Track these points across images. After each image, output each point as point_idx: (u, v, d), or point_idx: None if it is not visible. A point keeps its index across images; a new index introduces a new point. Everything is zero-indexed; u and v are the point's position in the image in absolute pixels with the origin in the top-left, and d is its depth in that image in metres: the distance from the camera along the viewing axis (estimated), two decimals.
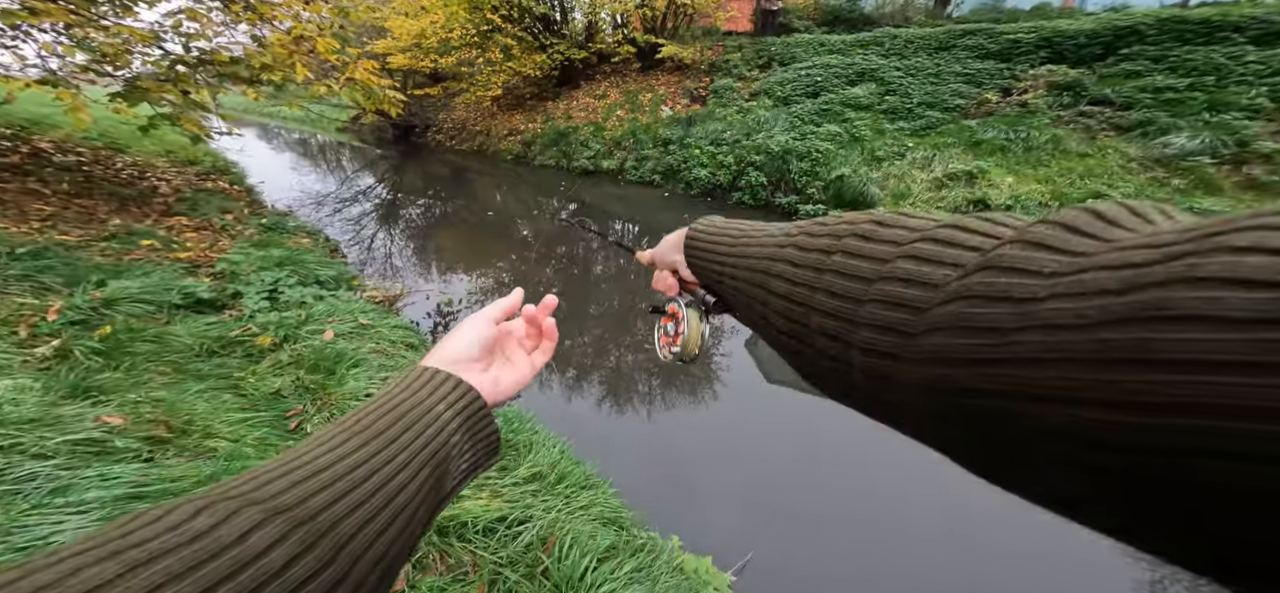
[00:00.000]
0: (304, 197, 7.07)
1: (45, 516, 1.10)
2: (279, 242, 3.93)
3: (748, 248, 0.40)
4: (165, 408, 1.58)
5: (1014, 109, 6.14)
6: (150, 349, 1.95)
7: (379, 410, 0.36)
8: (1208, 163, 4.63)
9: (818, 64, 8.10)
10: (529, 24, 10.68)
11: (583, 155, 8.93)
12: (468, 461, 0.40)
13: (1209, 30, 5.68)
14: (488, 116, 12.24)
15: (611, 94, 10.33)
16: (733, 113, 7.96)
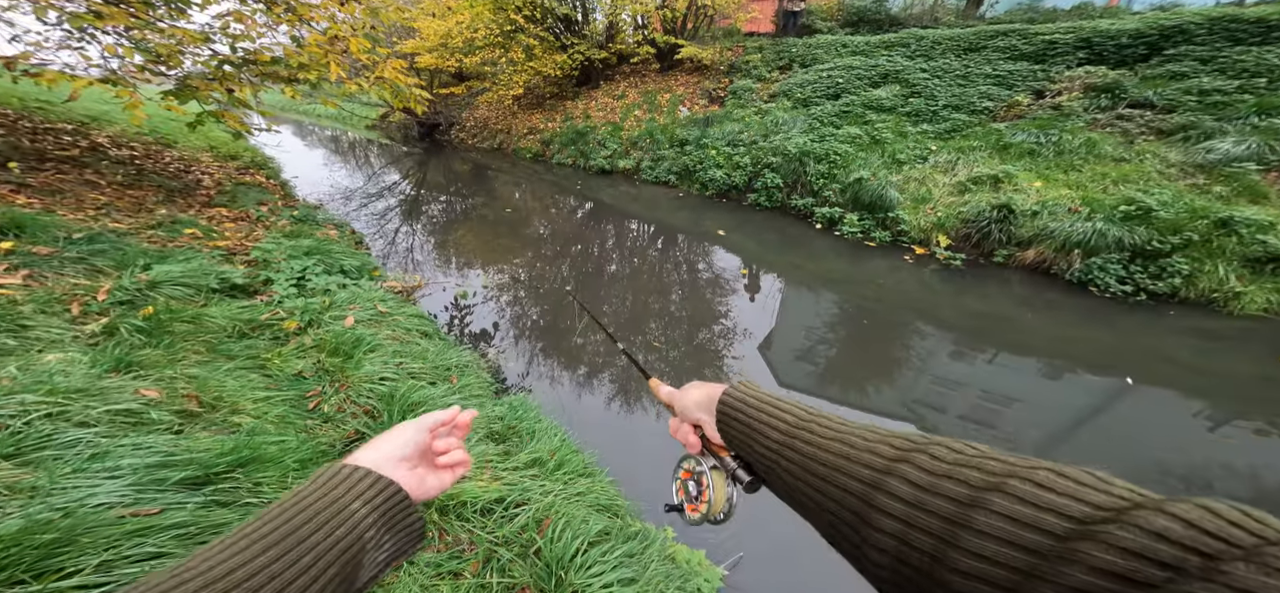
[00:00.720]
0: (334, 191, 7.40)
1: (83, 479, 1.22)
2: (309, 233, 4.15)
3: (814, 446, 0.39)
4: (197, 384, 1.72)
5: (1047, 112, 5.91)
6: (188, 329, 2.11)
7: (286, 513, 0.37)
8: (1254, 169, 4.37)
9: (840, 66, 7.97)
10: (551, 24, 10.86)
11: (599, 155, 9.03)
12: (387, 551, 0.42)
13: (1265, 30, 5.36)
14: (509, 115, 12.49)
15: (630, 94, 10.39)
16: (750, 114, 7.91)
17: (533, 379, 3.10)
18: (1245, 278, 3.84)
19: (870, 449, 0.36)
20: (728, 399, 0.49)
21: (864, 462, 0.35)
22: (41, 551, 1.00)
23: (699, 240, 5.79)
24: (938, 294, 4.38)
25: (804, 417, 0.42)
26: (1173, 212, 4.16)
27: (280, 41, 4.07)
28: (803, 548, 2.06)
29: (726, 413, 0.48)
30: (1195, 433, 2.79)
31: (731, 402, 0.48)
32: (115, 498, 1.20)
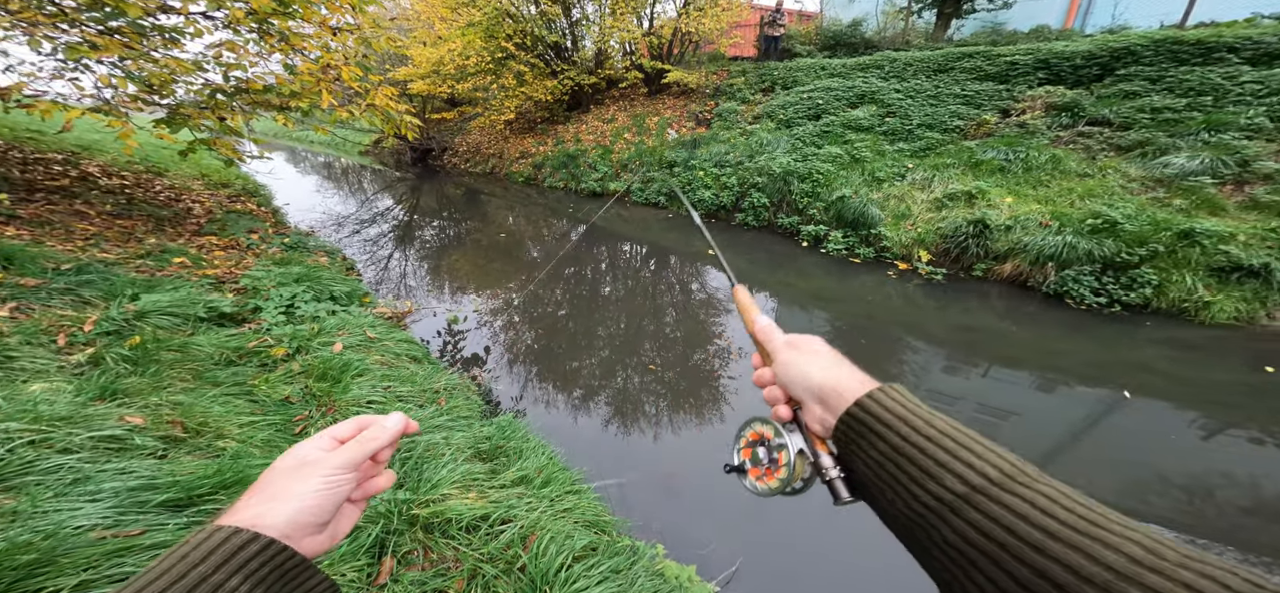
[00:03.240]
0: (326, 218, 7.44)
1: (64, 502, 1.24)
2: (299, 260, 4.17)
3: (1042, 527, 0.26)
4: (182, 410, 1.73)
5: (1013, 130, 6.18)
6: (174, 358, 2.12)
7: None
8: (1209, 183, 4.60)
9: (819, 87, 8.27)
10: (541, 51, 11.17)
11: (590, 178, 9.20)
12: None
13: (1205, 51, 5.69)
14: (500, 140, 12.70)
15: (619, 118, 10.65)
16: (736, 135, 8.14)
17: (523, 400, 3.12)
18: (1213, 287, 3.98)
19: (1131, 545, 0.24)
20: (874, 413, 0.35)
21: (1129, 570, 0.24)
22: (20, 570, 1.01)
23: (690, 261, 5.89)
24: (924, 309, 4.48)
25: (1026, 483, 0.28)
26: (1137, 225, 4.33)
27: (273, 70, 4.13)
28: (805, 555, 2.08)
29: (864, 428, 0.35)
30: (1188, 442, 2.83)
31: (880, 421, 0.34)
32: (96, 520, 1.21)
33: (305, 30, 4.03)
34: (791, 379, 0.43)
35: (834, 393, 0.39)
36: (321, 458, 0.38)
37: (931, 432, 0.32)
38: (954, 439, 0.32)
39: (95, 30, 3.07)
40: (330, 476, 0.37)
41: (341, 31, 4.15)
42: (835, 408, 0.38)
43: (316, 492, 0.36)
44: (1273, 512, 2.29)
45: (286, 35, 3.83)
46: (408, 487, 1.68)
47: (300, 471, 0.37)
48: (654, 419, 2.99)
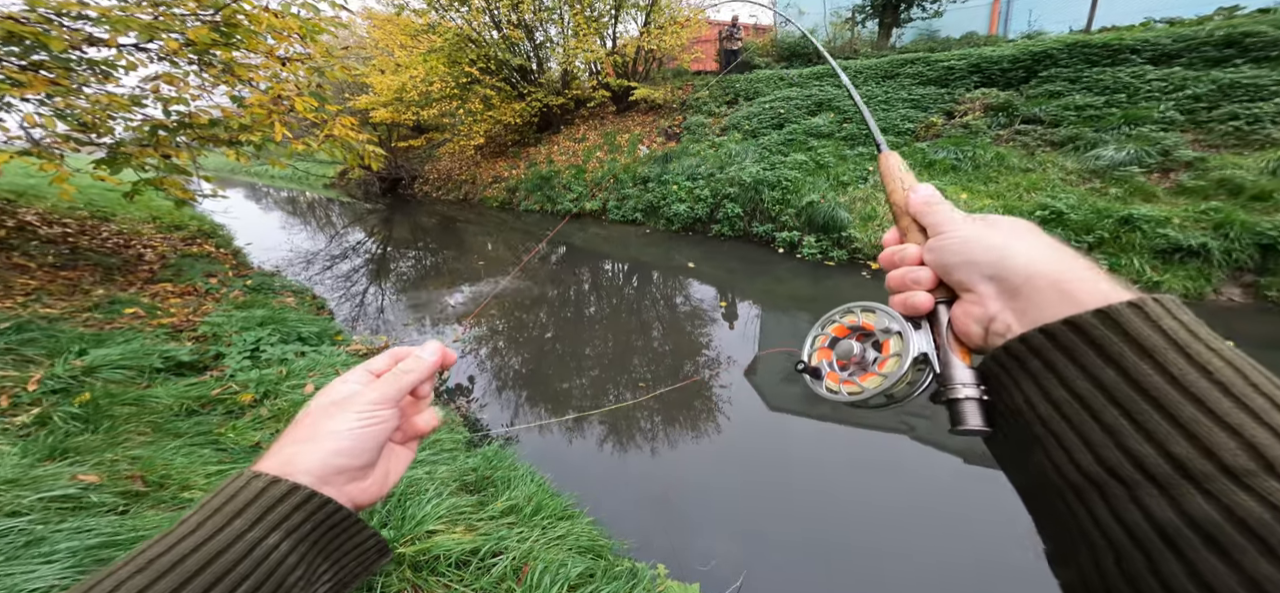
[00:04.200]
0: (293, 255, 7.18)
1: (17, 566, 1.16)
2: (263, 302, 4.01)
3: None
4: (141, 465, 1.63)
5: (958, 130, 6.55)
6: (129, 412, 2.00)
7: (159, 564, 0.25)
8: (1137, 172, 4.97)
9: (780, 97, 8.58)
10: (507, 75, 11.19)
11: (566, 199, 9.21)
12: (327, 582, 0.31)
13: (1111, 53, 6.23)
14: (472, 165, 12.60)
15: (590, 137, 10.75)
16: (706, 148, 8.33)
17: (514, 425, 3.05)
18: (1159, 268, 4.27)
19: None
20: (1133, 331, 0.23)
21: None
22: None
23: (671, 274, 5.94)
24: None
25: None
26: (1081, 214, 4.63)
27: (219, 103, 3.95)
28: (810, 564, 2.07)
29: (1100, 352, 0.24)
30: None
31: (1136, 342, 0.23)
32: (52, 582, 1.14)
33: (252, 61, 3.86)
34: (973, 258, 0.30)
35: (1050, 287, 0.27)
36: (356, 393, 0.35)
37: (1211, 369, 0.22)
38: (1242, 388, 0.21)
39: (16, 66, 2.89)
40: (366, 412, 0.34)
41: (292, 61, 4.00)
42: (1041, 307, 0.26)
43: (352, 430, 0.33)
44: None
45: (231, 66, 3.65)
46: (391, 525, 1.61)
47: (337, 407, 0.34)
48: (649, 434, 2.97)
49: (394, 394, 0.36)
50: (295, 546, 0.29)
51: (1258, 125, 4.94)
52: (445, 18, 10.55)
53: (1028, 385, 0.26)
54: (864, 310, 0.39)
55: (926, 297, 0.34)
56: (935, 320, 0.33)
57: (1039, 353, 0.26)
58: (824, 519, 2.31)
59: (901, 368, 0.33)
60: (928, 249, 0.34)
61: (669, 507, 2.42)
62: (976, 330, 0.31)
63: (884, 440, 2.86)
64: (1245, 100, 5.17)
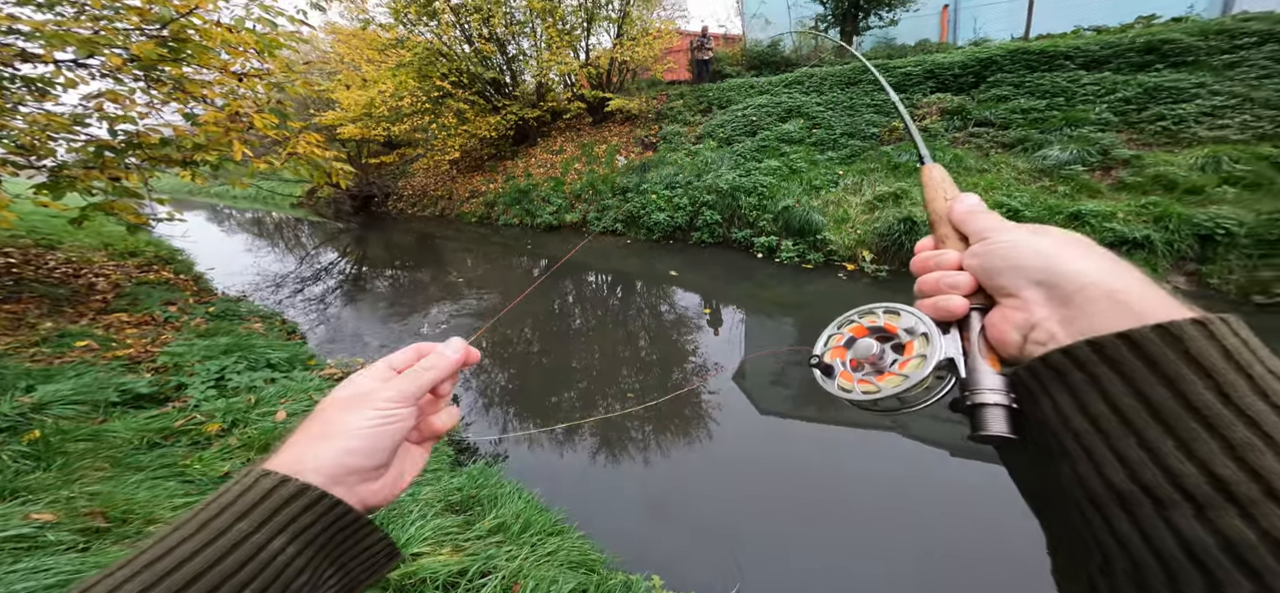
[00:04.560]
0: (260, 279, 6.91)
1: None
2: (228, 329, 3.85)
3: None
4: (101, 501, 1.54)
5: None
6: (85, 448, 1.88)
7: (156, 569, 0.24)
8: (1081, 170, 5.29)
9: (752, 105, 8.79)
10: (480, 88, 11.09)
11: (545, 211, 9.16)
12: (333, 586, 0.30)
13: (1048, 59, 6.67)
14: (448, 180, 12.42)
15: (568, 149, 10.75)
16: (682, 156, 8.44)
17: (502, 444, 2.99)
18: None
19: None
20: (1196, 353, 0.22)
21: None
22: None
23: (654, 284, 5.96)
24: None
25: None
26: (1035, 211, 4.88)
27: (170, 121, 3.74)
28: (804, 570, 2.07)
29: (1156, 370, 0.23)
30: None
31: (1197, 362, 0.22)
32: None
33: (205, 76, 3.68)
34: (1021, 262, 0.29)
35: (1104, 297, 0.26)
36: (375, 389, 0.34)
37: (1271, 393, 0.21)
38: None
39: None
40: (384, 409, 0.33)
41: (249, 77, 3.83)
42: (1092, 318, 0.26)
43: (369, 426, 0.32)
44: None
45: (182, 83, 3.46)
46: None
47: (353, 403, 0.33)
48: (640, 445, 2.95)
49: (413, 392, 0.35)
50: (302, 549, 0.28)
51: (1183, 125, 5.34)
52: (414, 32, 10.41)
53: (1063, 397, 0.25)
54: (887, 312, 0.39)
55: (961, 301, 0.33)
56: (966, 327, 0.33)
57: (1084, 366, 0.24)
58: (818, 520, 2.33)
59: (924, 370, 0.32)
60: (971, 254, 0.34)
61: (663, 516, 2.40)
62: (1015, 337, 0.30)
63: (874, 438, 2.91)
64: (1169, 102, 5.59)
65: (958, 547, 2.13)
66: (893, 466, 2.73)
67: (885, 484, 2.57)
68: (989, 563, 2.02)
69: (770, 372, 3.73)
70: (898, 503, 2.41)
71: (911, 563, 2.08)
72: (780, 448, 2.96)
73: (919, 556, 2.11)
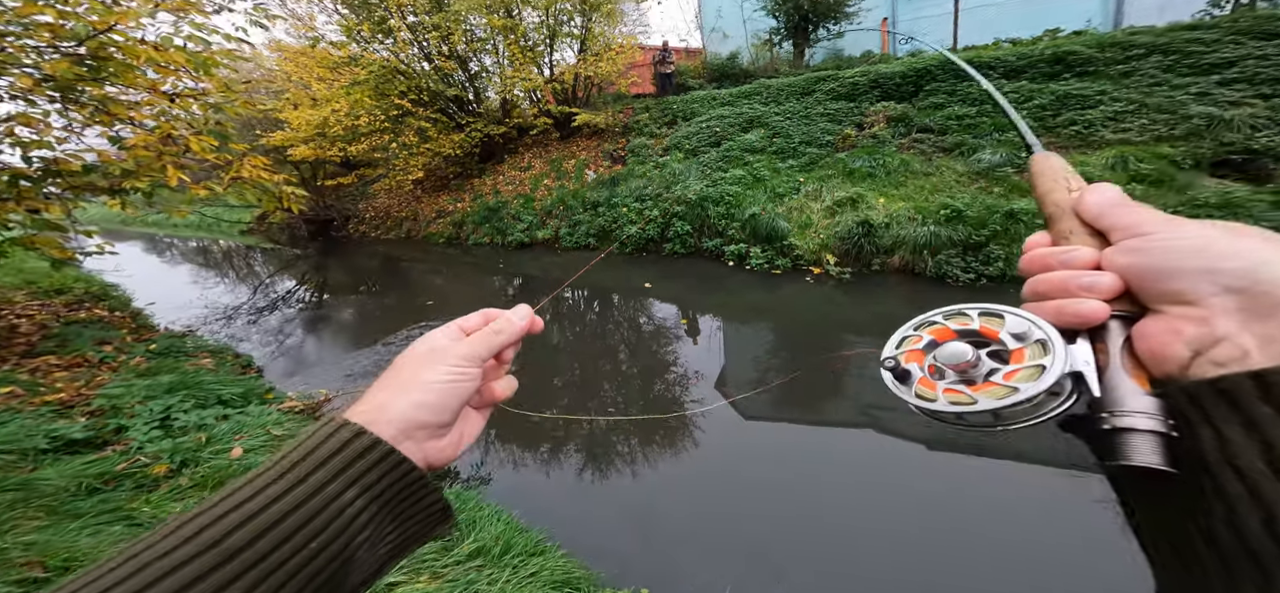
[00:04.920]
0: (209, 312, 6.49)
1: None
2: (172, 367, 3.61)
3: None
4: (38, 550, 1.42)
5: (869, 141, 7.26)
6: (14, 497, 1.71)
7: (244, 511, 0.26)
8: (1011, 172, 5.75)
9: (714, 116, 9.05)
10: (442, 106, 10.88)
11: (516, 229, 9.04)
12: (389, 543, 0.31)
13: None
14: (412, 200, 12.09)
15: (536, 164, 10.70)
16: (650, 168, 8.56)
17: (469, 468, 2.90)
18: None
19: None
20: None
21: None
22: None
23: (630, 297, 5.98)
24: (845, 307, 4.95)
25: None
26: (976, 210, 5.23)
27: (95, 146, 3.47)
28: (801, 570, 2.07)
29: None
30: None
31: None
32: None
33: (132, 97, 3.42)
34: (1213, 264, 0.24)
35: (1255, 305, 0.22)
36: (449, 347, 0.35)
37: None
38: None
39: None
40: (457, 366, 0.34)
41: (181, 97, 3.57)
42: None
43: (442, 382, 0.33)
44: None
45: (105, 104, 3.21)
46: None
47: (429, 358, 0.34)
48: (625, 458, 2.93)
49: (484, 353, 0.36)
50: (368, 505, 0.29)
51: (1092, 129, 5.90)
52: (368, 50, 10.13)
53: (1236, 431, 0.21)
54: (985, 315, 0.34)
55: (1100, 307, 0.28)
56: (1102, 336, 0.28)
57: (1276, 397, 0.20)
58: (806, 522, 2.35)
59: (1041, 384, 0.28)
60: (1122, 251, 0.29)
61: (649, 529, 2.39)
62: (1181, 354, 0.25)
63: (853, 437, 3.00)
64: (1078, 108, 6.16)
65: (951, 535, 2.17)
66: (875, 459, 2.80)
67: (872, 479, 2.63)
68: (984, 555, 2.07)
69: (750, 378, 3.78)
70: (887, 497, 2.46)
71: (907, 559, 2.09)
72: (766, 455, 2.98)
73: (915, 549, 2.12)
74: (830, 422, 3.23)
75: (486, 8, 9.48)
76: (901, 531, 2.25)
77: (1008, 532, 2.23)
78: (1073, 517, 2.22)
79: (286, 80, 11.33)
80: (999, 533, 2.22)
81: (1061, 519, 2.24)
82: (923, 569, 2.06)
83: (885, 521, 2.32)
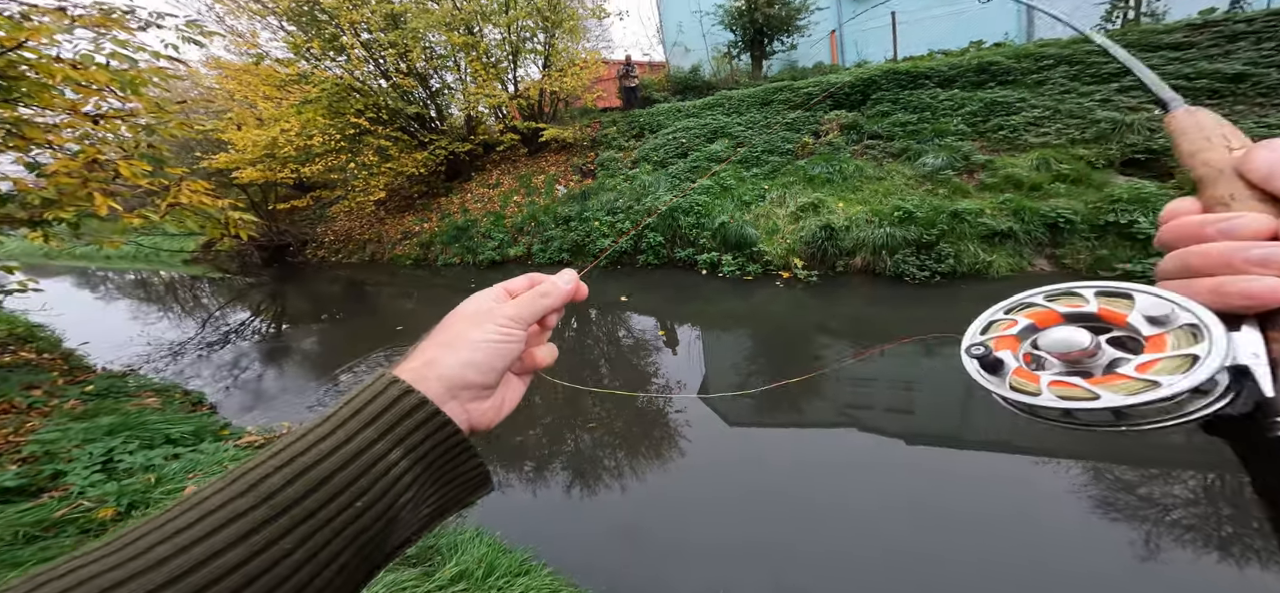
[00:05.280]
0: (152, 349, 6.06)
1: None
2: (112, 408, 3.37)
3: None
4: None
5: (825, 148, 7.62)
6: None
7: (286, 471, 0.25)
8: (953, 175, 6.17)
9: (680, 128, 9.25)
10: (403, 124, 10.58)
11: (487, 248, 8.88)
12: (431, 505, 0.31)
13: (913, 79, 7.80)
14: (375, 222, 11.69)
15: (505, 181, 10.59)
16: (620, 182, 8.64)
17: None
18: (987, 251, 5.23)
19: None
20: None
21: None
22: None
23: (608, 310, 5.96)
24: (815, 310, 5.11)
25: None
26: (925, 212, 5.56)
27: (10, 173, 3.16)
28: (793, 574, 2.07)
29: None
30: None
31: None
32: None
33: (50, 119, 3.15)
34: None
35: None
36: (496, 307, 0.35)
37: None
38: None
39: None
40: (505, 326, 0.34)
41: (107, 118, 3.29)
42: None
43: (489, 341, 0.33)
44: None
45: (18, 127, 2.93)
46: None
47: (477, 317, 0.34)
48: (612, 472, 2.90)
49: (530, 314, 0.36)
50: (412, 466, 0.29)
51: (1017, 133, 6.40)
52: (319, 68, 9.72)
53: None
54: (1104, 295, 0.30)
55: (1254, 291, 0.24)
56: (1277, 323, 0.24)
57: None
58: (795, 524, 2.37)
59: (1191, 378, 0.23)
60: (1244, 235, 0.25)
61: (638, 541, 2.37)
62: None
63: (837, 437, 3.07)
64: (1004, 114, 6.68)
65: (938, 532, 2.21)
66: (860, 457, 2.86)
67: (857, 478, 2.69)
68: (973, 551, 2.10)
69: (731, 384, 3.83)
70: (874, 495, 2.51)
71: (900, 558, 2.12)
72: (753, 460, 3.00)
73: (906, 548, 2.16)
74: (812, 422, 3.30)
75: (446, 26, 9.35)
76: (889, 525, 2.30)
77: (991, 514, 2.34)
78: (1048, 505, 2.33)
79: (228, 99, 10.69)
80: (984, 523, 2.29)
81: (1035, 506, 2.34)
82: (914, 564, 2.10)
83: (872, 517, 2.36)
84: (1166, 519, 2.17)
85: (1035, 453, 2.61)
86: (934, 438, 2.97)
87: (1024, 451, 2.66)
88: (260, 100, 9.85)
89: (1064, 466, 2.52)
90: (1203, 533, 2.11)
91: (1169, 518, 2.18)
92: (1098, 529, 2.18)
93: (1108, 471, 2.45)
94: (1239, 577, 1.92)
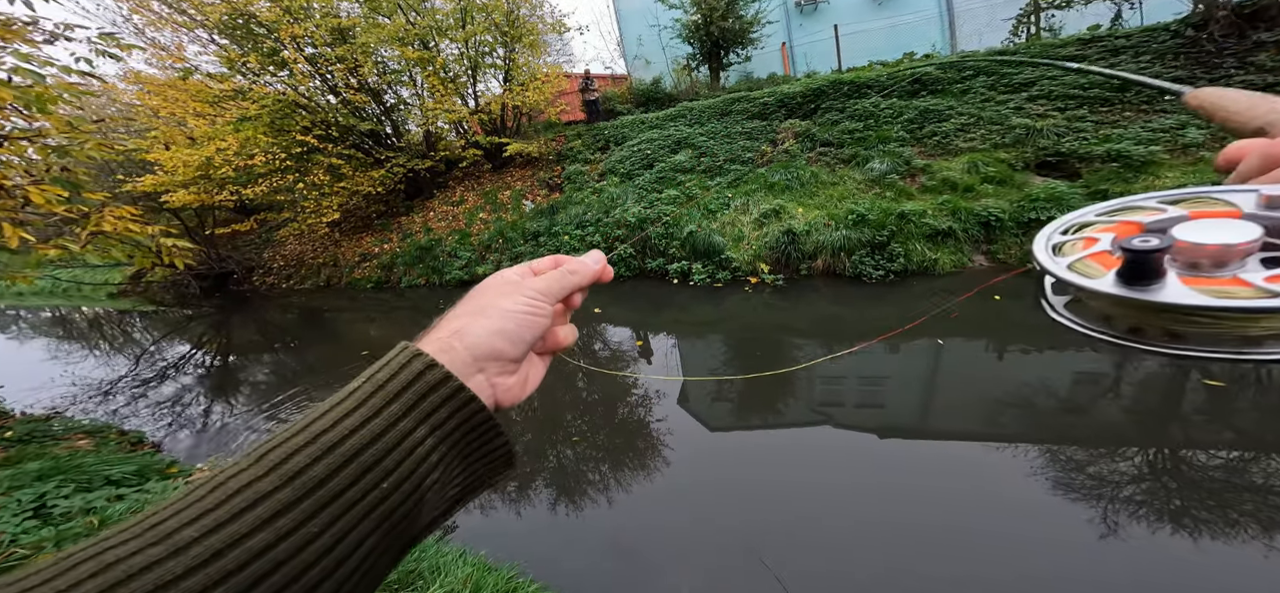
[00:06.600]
0: (79, 390, 5.52)
1: None
2: (38, 453, 3.07)
3: None
4: None
5: (783, 156, 8.00)
6: None
7: (311, 450, 0.24)
8: (898, 179, 6.65)
9: (644, 139, 9.41)
10: (356, 141, 10.18)
11: (454, 267, 8.65)
12: (458, 485, 0.31)
13: (857, 88, 8.38)
14: (330, 245, 11.12)
15: (469, 198, 10.37)
16: (588, 194, 8.68)
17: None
18: (932, 249, 5.62)
19: None
20: None
21: None
22: None
23: (582, 324, 5.94)
24: (784, 312, 5.28)
25: None
26: (875, 214, 5.94)
27: None
28: (788, 576, 2.09)
29: None
30: (988, 368, 3.68)
31: None
32: None
33: None
34: None
35: None
36: (523, 281, 0.36)
37: None
38: None
39: None
40: (533, 298, 0.34)
41: (11, 139, 3.04)
42: None
43: (518, 312, 0.33)
44: (1069, 405, 3.04)
45: None
46: None
47: (506, 288, 0.35)
48: (597, 485, 2.90)
49: (557, 290, 0.37)
50: (438, 444, 0.28)
51: (948, 139, 6.97)
52: (258, 83, 9.16)
53: None
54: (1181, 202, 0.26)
55: None
56: None
57: None
58: (786, 526, 2.41)
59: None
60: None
61: (626, 553, 2.38)
62: None
63: (815, 435, 3.17)
64: (936, 122, 7.26)
65: (925, 529, 2.26)
66: (842, 454, 2.97)
67: (842, 475, 2.78)
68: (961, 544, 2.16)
69: (709, 391, 3.90)
70: (862, 493, 2.58)
71: (893, 556, 2.15)
72: (736, 463, 3.05)
73: (897, 546, 2.20)
74: (789, 422, 3.37)
75: (399, 40, 9.12)
76: (869, 516, 2.39)
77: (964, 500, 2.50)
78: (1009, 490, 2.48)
79: (152, 116, 9.84)
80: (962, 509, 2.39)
81: (996, 491, 2.50)
82: (895, 553, 2.18)
83: (853, 510, 2.45)
84: (1119, 496, 2.34)
85: (992, 440, 2.78)
86: (908, 432, 3.06)
87: (983, 438, 2.84)
88: (191, 117, 9.14)
89: (1022, 449, 2.68)
90: (1152, 507, 2.27)
91: (1122, 495, 2.34)
92: (1056, 503, 2.33)
93: (1061, 451, 2.65)
94: (1193, 547, 2.05)
